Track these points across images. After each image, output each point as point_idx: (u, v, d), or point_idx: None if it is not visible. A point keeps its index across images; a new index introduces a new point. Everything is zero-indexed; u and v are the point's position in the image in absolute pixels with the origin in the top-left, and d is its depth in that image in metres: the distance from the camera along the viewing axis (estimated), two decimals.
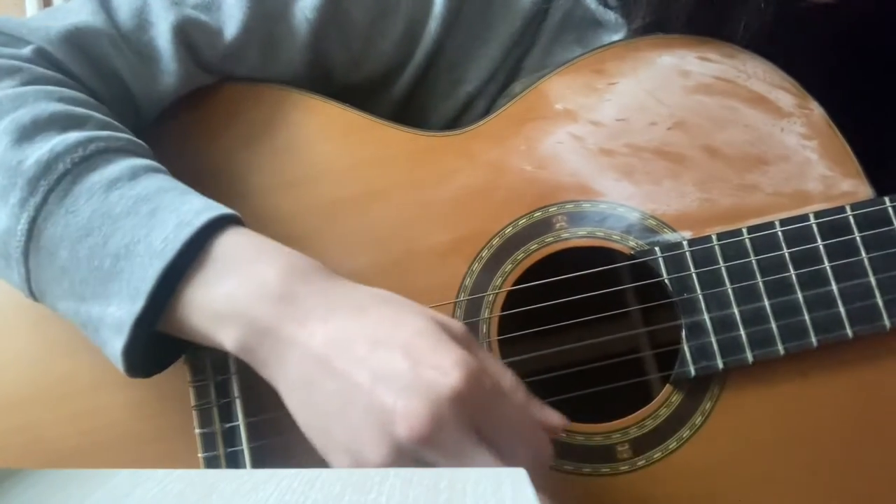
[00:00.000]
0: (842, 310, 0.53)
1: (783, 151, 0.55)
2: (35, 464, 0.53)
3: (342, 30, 0.58)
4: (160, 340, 0.49)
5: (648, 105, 0.57)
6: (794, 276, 0.53)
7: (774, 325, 0.53)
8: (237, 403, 0.53)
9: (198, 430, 0.53)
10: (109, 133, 0.50)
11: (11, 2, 1.17)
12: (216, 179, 0.57)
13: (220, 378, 0.53)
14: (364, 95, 0.61)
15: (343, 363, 0.44)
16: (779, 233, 0.54)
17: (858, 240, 0.53)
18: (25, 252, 0.48)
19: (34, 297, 0.50)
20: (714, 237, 0.54)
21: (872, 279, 0.53)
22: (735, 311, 0.53)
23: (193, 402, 0.53)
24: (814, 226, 0.54)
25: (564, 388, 0.54)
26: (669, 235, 0.55)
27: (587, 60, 0.58)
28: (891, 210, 0.53)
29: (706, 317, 0.53)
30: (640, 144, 0.56)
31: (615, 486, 0.53)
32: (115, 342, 0.47)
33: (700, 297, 0.54)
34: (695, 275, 0.54)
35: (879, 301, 0.53)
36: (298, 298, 0.46)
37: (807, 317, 0.53)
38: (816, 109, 0.56)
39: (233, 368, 0.53)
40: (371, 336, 0.44)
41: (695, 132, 0.56)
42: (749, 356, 0.53)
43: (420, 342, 0.44)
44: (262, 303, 0.45)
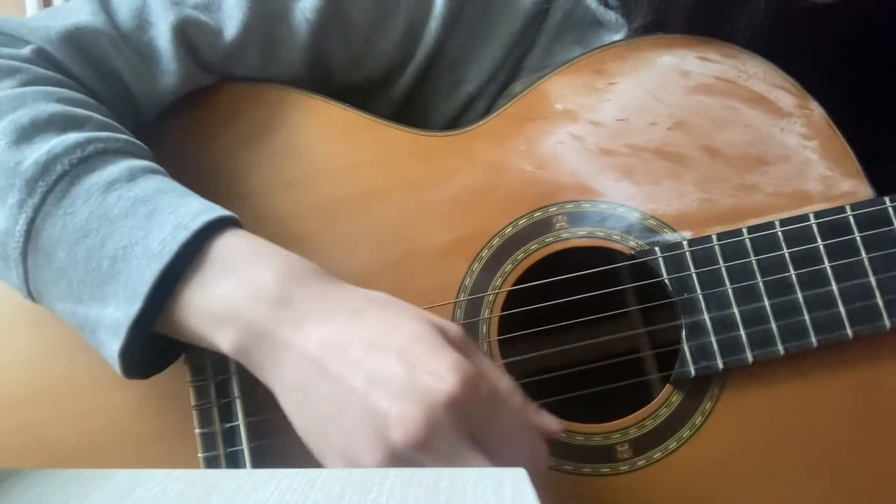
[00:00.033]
0: (842, 310, 0.53)
1: (783, 151, 0.55)
2: (34, 464, 0.53)
3: (342, 30, 0.58)
4: (158, 342, 0.49)
5: (649, 105, 0.57)
6: (794, 276, 0.53)
7: (774, 325, 0.53)
8: (237, 403, 0.53)
9: (198, 430, 0.53)
10: (108, 134, 0.50)
11: (11, 2, 1.17)
12: (216, 179, 0.57)
13: (220, 378, 0.53)
14: (364, 95, 0.61)
15: (338, 367, 0.44)
16: (779, 233, 0.54)
17: (858, 240, 0.53)
18: (24, 253, 0.48)
19: (32, 298, 0.50)
20: (714, 237, 0.54)
21: (872, 279, 0.53)
22: (735, 311, 0.53)
23: (193, 402, 0.53)
24: (814, 226, 0.54)
25: (564, 388, 0.54)
26: (669, 235, 0.55)
27: (587, 60, 0.58)
28: (891, 210, 0.53)
29: (706, 317, 0.53)
30: (641, 144, 0.56)
31: (615, 487, 0.53)
32: (112, 344, 0.47)
33: (700, 297, 0.54)
34: (695, 275, 0.54)
35: (879, 301, 0.53)
36: (295, 301, 0.46)
37: (807, 317, 0.53)
38: (816, 109, 0.56)
39: (233, 368, 0.53)
40: (367, 340, 0.44)
41: (695, 132, 0.56)
42: (749, 356, 0.53)
43: (416, 346, 0.44)
44: (259, 305, 0.45)
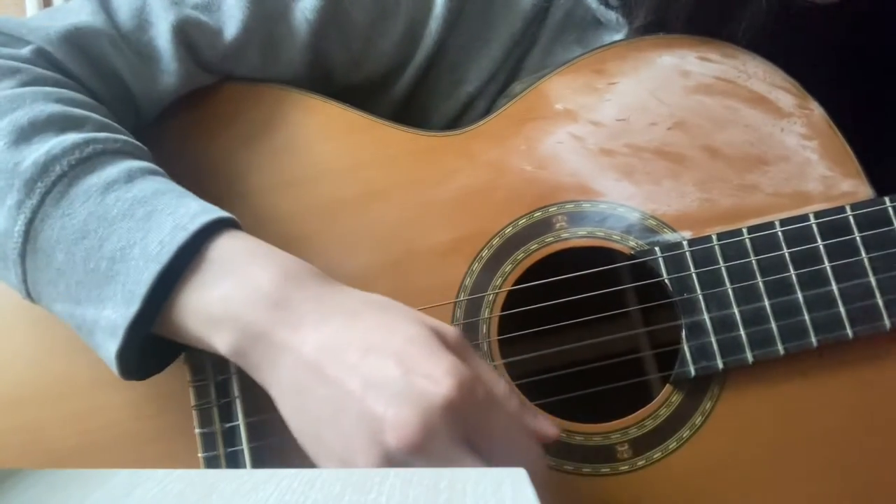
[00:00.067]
0: (842, 310, 0.53)
1: (783, 151, 0.55)
2: (34, 463, 0.53)
3: (342, 30, 0.58)
4: (156, 343, 0.49)
5: (649, 105, 0.57)
6: (794, 276, 0.53)
7: (774, 325, 0.53)
8: (237, 403, 0.53)
9: (198, 430, 0.53)
10: (107, 135, 0.50)
11: (11, 2, 1.17)
12: (216, 179, 0.57)
13: (221, 378, 0.53)
14: (364, 96, 0.61)
15: (335, 370, 0.44)
16: (779, 233, 0.54)
17: (858, 240, 0.53)
18: (22, 254, 0.48)
19: (31, 299, 0.50)
20: (714, 237, 0.54)
21: (872, 279, 0.53)
22: (735, 311, 0.53)
23: (193, 402, 0.53)
24: (814, 226, 0.54)
25: (564, 388, 0.54)
26: (669, 235, 0.55)
27: (587, 60, 0.58)
28: (891, 210, 0.53)
29: (706, 317, 0.53)
30: (641, 144, 0.56)
31: (615, 487, 0.53)
32: (110, 345, 0.47)
33: (700, 297, 0.53)
34: (695, 275, 0.54)
35: (879, 301, 0.53)
36: (292, 303, 0.46)
37: (807, 317, 0.53)
38: (816, 110, 0.56)
39: (233, 368, 0.53)
40: (363, 343, 0.44)
41: (695, 132, 0.56)
42: (749, 356, 0.53)
43: (412, 349, 0.43)
44: (256, 307, 0.45)
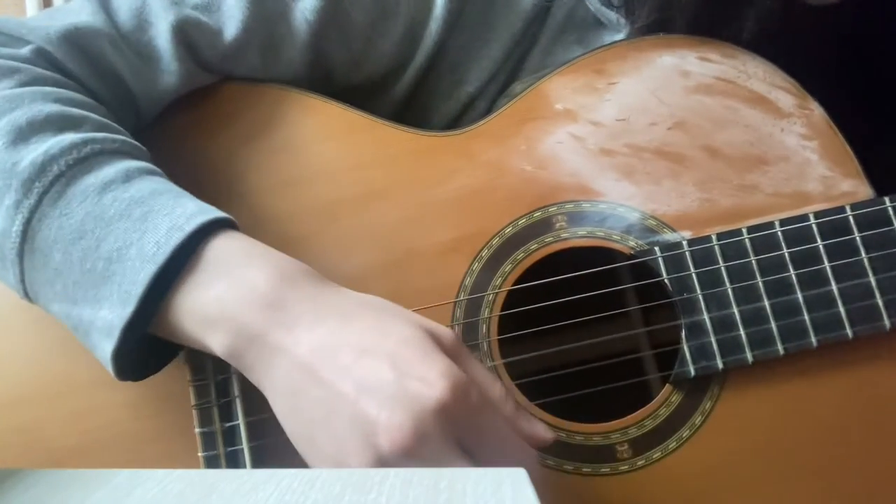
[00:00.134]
0: (841, 310, 0.53)
1: (783, 152, 0.55)
2: (35, 463, 0.53)
3: (342, 30, 0.58)
4: (152, 344, 0.49)
5: (649, 105, 0.56)
6: (794, 276, 0.53)
7: (774, 325, 0.53)
8: (237, 403, 0.53)
9: (198, 430, 0.53)
10: (105, 135, 0.50)
11: (11, 2, 1.17)
12: (216, 179, 0.57)
13: (221, 377, 0.53)
14: (365, 96, 0.61)
15: (328, 372, 0.43)
16: (779, 233, 0.54)
17: (858, 240, 0.53)
18: (20, 254, 0.48)
19: (29, 299, 0.50)
20: (714, 237, 0.54)
21: (872, 279, 0.53)
22: (735, 311, 0.53)
23: (193, 402, 0.53)
24: (814, 226, 0.54)
25: (564, 388, 0.54)
26: (669, 235, 0.55)
27: (588, 60, 0.58)
28: (891, 210, 0.53)
29: (706, 317, 0.53)
30: (641, 144, 0.56)
31: (615, 486, 0.53)
32: (106, 345, 0.47)
33: (700, 297, 0.53)
34: (694, 275, 0.54)
35: (879, 301, 0.53)
36: (287, 304, 0.45)
37: (806, 317, 0.53)
38: (816, 110, 0.56)
39: (233, 368, 0.52)
40: (357, 344, 0.44)
41: (695, 132, 0.56)
42: (749, 356, 0.53)
43: (407, 352, 0.43)
44: (251, 308, 0.45)
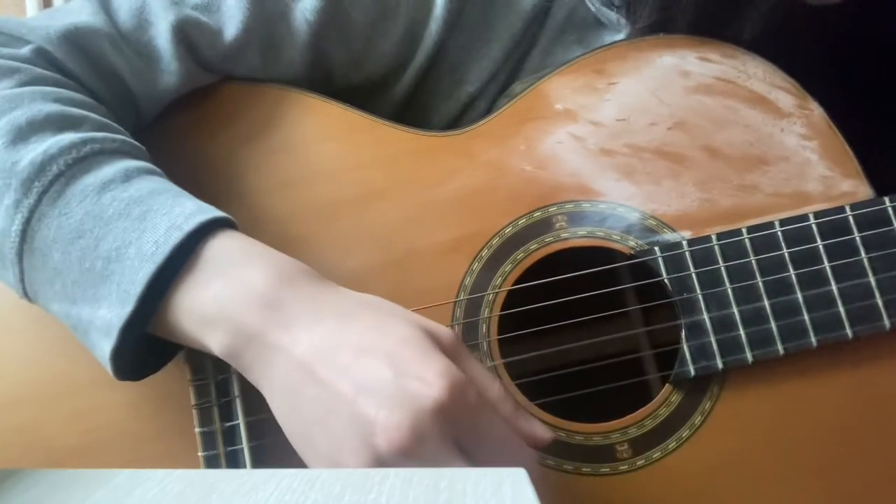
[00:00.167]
0: (841, 310, 0.53)
1: (783, 152, 0.55)
2: (35, 462, 0.53)
3: (342, 30, 0.58)
4: (151, 343, 0.49)
5: (649, 105, 0.57)
6: (794, 276, 0.53)
7: (774, 325, 0.53)
8: (237, 402, 0.53)
9: (198, 429, 0.53)
10: (105, 134, 0.50)
11: (11, 2, 1.17)
12: (216, 179, 0.57)
13: (221, 377, 0.53)
14: (365, 96, 0.61)
15: (326, 371, 0.43)
16: (778, 233, 0.54)
17: (858, 240, 0.53)
18: (19, 253, 0.48)
19: (28, 298, 0.50)
20: (714, 237, 0.54)
21: (872, 279, 0.53)
22: (735, 311, 0.53)
23: (194, 401, 0.53)
24: (813, 226, 0.54)
25: (564, 388, 0.54)
26: (669, 235, 0.55)
27: (588, 60, 0.58)
28: (890, 210, 0.53)
29: (706, 317, 0.53)
30: (641, 144, 0.56)
31: (615, 486, 0.53)
32: (104, 345, 0.47)
33: (700, 297, 0.54)
34: (694, 275, 0.54)
35: (879, 301, 0.53)
36: (285, 304, 0.45)
37: (806, 317, 0.53)
38: (816, 110, 0.56)
39: (233, 367, 0.53)
40: (356, 344, 0.44)
41: (695, 132, 0.56)
42: (749, 356, 0.53)
43: (405, 351, 0.43)
44: (249, 308, 0.45)
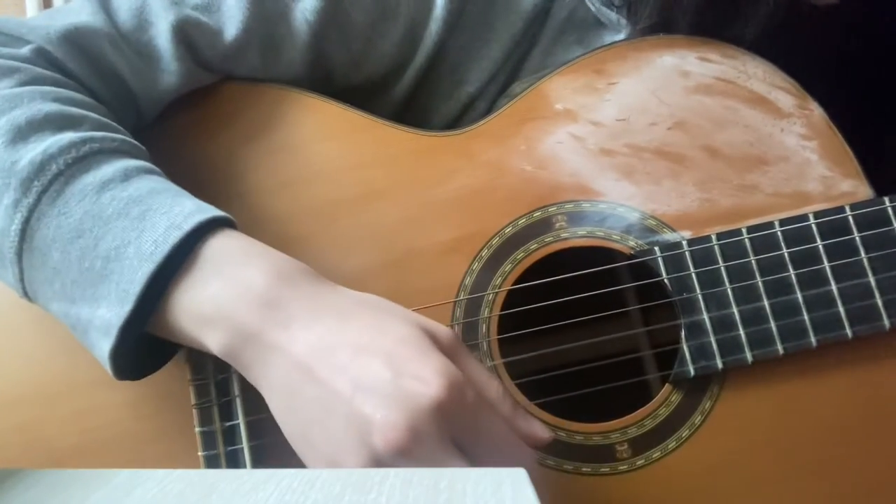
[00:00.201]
0: (841, 310, 0.53)
1: (783, 152, 0.56)
2: (35, 462, 0.53)
3: (342, 31, 0.58)
4: (150, 343, 0.49)
5: (649, 105, 0.57)
6: (794, 276, 0.53)
7: (774, 325, 0.53)
8: (237, 402, 0.53)
9: (198, 429, 0.53)
10: (104, 134, 0.50)
11: (11, 2, 1.17)
12: (216, 179, 0.57)
13: (221, 377, 0.53)
14: (365, 96, 0.61)
15: (324, 370, 0.43)
16: (778, 233, 0.54)
17: (858, 240, 0.53)
18: (19, 252, 0.48)
19: (28, 298, 0.50)
20: (713, 237, 0.54)
21: (872, 279, 0.53)
22: (734, 311, 0.53)
23: (194, 401, 0.53)
24: (813, 226, 0.54)
25: (564, 388, 0.54)
26: (669, 235, 0.55)
27: (588, 60, 0.58)
28: (890, 210, 0.53)
29: (705, 316, 0.53)
30: (641, 144, 0.56)
31: (614, 486, 0.53)
32: (103, 344, 0.47)
33: (699, 297, 0.54)
34: (694, 274, 0.54)
35: (879, 301, 0.53)
36: (283, 303, 0.45)
37: (806, 317, 0.53)
38: (816, 110, 0.56)
39: (233, 367, 0.53)
40: (354, 343, 0.44)
41: (695, 132, 0.56)
42: (748, 356, 0.53)
43: (403, 350, 0.43)
44: (248, 307, 0.45)
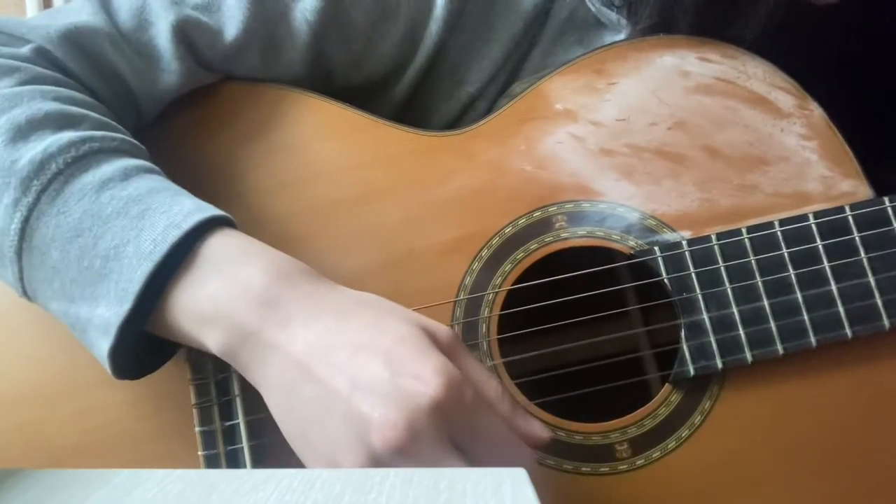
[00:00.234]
0: (841, 310, 0.53)
1: (783, 152, 0.56)
2: (35, 462, 0.53)
3: (342, 31, 0.58)
4: (149, 342, 0.49)
5: (649, 105, 0.57)
6: (794, 276, 0.53)
7: (773, 325, 0.53)
8: (237, 401, 0.53)
9: (198, 428, 0.53)
10: (104, 133, 0.50)
11: (11, 2, 1.17)
12: (216, 179, 0.57)
13: (221, 376, 0.53)
14: (365, 96, 0.61)
15: (323, 369, 0.43)
16: (778, 233, 0.54)
17: (858, 240, 0.53)
18: (18, 252, 0.48)
19: (27, 297, 0.50)
20: (713, 237, 0.54)
21: (871, 279, 0.53)
22: (734, 311, 0.53)
23: (194, 400, 0.53)
24: (813, 226, 0.54)
25: (564, 388, 0.54)
26: (669, 235, 0.55)
27: (588, 60, 0.58)
28: (890, 210, 0.54)
29: (705, 316, 0.53)
30: (641, 144, 0.56)
31: (614, 486, 0.53)
32: (102, 343, 0.47)
33: (699, 297, 0.54)
34: (694, 274, 0.54)
35: (878, 301, 0.53)
36: (282, 302, 0.45)
37: (806, 317, 0.53)
38: (816, 110, 0.56)
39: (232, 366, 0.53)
40: (353, 342, 0.44)
41: (695, 132, 0.56)
42: (748, 356, 0.53)
43: (402, 349, 0.43)
44: (246, 306, 0.45)
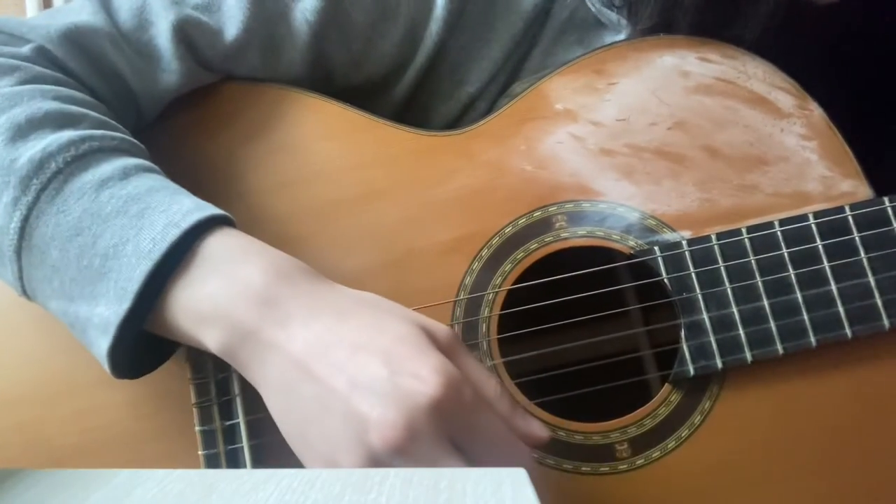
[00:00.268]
0: (841, 310, 0.53)
1: (783, 152, 0.56)
2: (35, 461, 0.53)
3: (342, 31, 0.58)
4: (149, 341, 0.49)
5: (649, 105, 0.57)
6: (794, 276, 0.53)
7: (773, 325, 0.53)
8: (237, 401, 0.53)
9: (198, 428, 0.53)
10: (104, 132, 0.50)
11: (11, 2, 1.17)
12: (216, 179, 0.57)
13: (221, 376, 0.53)
14: (365, 96, 0.61)
15: (321, 368, 0.43)
16: (778, 233, 0.54)
17: (857, 240, 0.53)
18: (18, 251, 0.48)
19: (27, 296, 0.50)
20: (713, 237, 0.54)
21: (871, 279, 0.53)
22: (734, 311, 0.53)
23: (194, 400, 0.53)
24: (813, 226, 0.54)
25: (564, 387, 0.55)
26: (669, 235, 0.55)
27: (588, 60, 0.58)
28: (890, 210, 0.54)
29: (705, 316, 0.53)
30: (641, 144, 0.56)
31: (614, 486, 0.53)
32: (101, 342, 0.47)
33: (699, 297, 0.54)
34: (694, 274, 0.54)
35: (878, 301, 0.53)
36: (281, 301, 0.45)
37: (806, 317, 0.53)
38: (816, 110, 0.56)
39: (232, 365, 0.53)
40: (352, 341, 0.44)
41: (695, 132, 0.56)
42: (748, 356, 0.53)
43: (401, 349, 0.43)
44: (245, 305, 0.45)
